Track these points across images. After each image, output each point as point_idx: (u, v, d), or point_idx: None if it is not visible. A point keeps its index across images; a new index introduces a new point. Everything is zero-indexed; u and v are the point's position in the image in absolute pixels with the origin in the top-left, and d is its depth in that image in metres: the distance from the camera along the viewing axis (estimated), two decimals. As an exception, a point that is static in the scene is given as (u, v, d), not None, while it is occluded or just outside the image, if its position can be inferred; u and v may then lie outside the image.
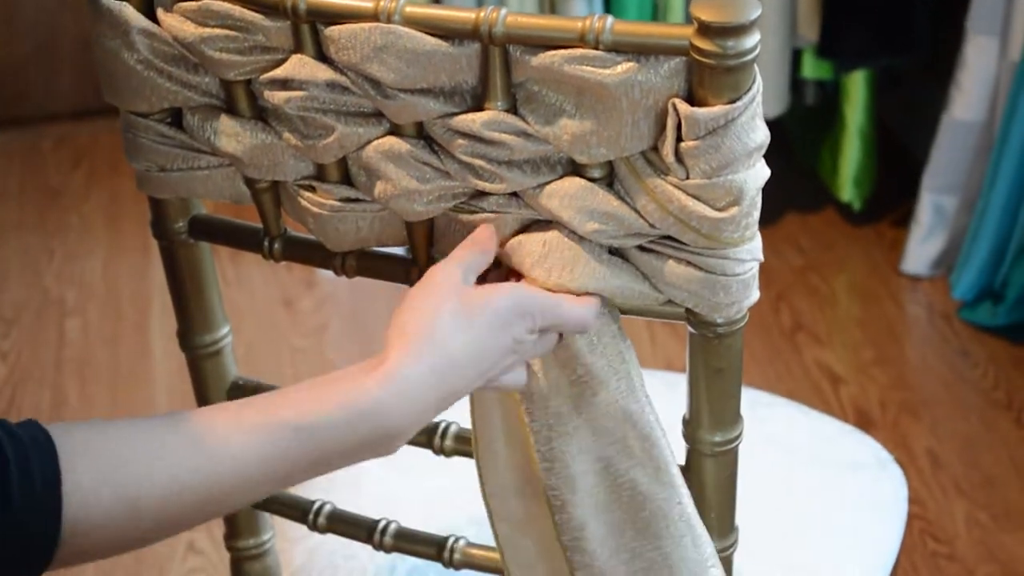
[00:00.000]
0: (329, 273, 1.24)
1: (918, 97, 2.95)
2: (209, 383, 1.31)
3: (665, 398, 1.56)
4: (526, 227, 1.09)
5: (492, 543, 1.26)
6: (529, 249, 1.08)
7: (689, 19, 2.67)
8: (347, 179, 1.13)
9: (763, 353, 2.60)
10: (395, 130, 1.08)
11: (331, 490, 1.45)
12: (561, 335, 1.10)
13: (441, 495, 1.44)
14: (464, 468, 1.34)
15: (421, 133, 1.08)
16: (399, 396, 1.02)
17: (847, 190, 2.83)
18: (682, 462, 1.16)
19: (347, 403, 1.01)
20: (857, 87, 2.78)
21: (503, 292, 1.06)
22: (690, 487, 1.15)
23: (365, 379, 1.02)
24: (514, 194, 1.08)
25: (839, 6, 2.66)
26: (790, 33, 2.73)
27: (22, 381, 2.64)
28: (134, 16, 1.10)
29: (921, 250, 2.77)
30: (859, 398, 2.50)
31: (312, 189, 1.14)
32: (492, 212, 1.08)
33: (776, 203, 2.74)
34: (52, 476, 0.93)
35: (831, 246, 2.86)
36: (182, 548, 2.29)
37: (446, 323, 1.04)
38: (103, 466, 0.96)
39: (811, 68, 2.78)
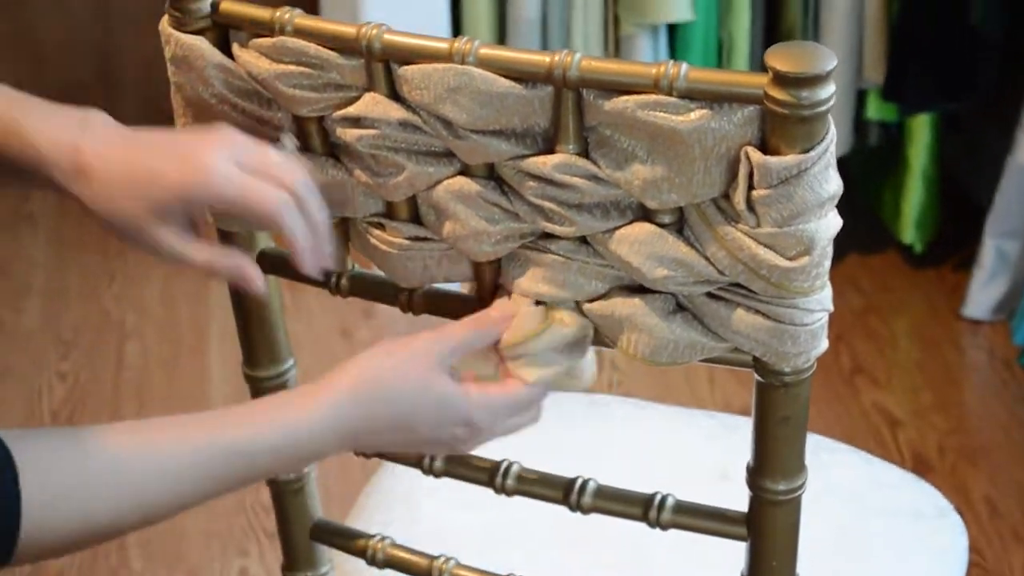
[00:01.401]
0: (387, 304, 1.28)
1: (982, 140, 2.93)
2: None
3: (724, 441, 1.56)
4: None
5: (550, 584, 1.26)
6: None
7: (754, 60, 2.68)
8: (416, 217, 1.13)
9: (821, 395, 2.58)
10: (465, 170, 1.09)
11: (388, 524, 1.45)
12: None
13: (500, 532, 1.44)
14: (521, 505, 1.33)
15: (491, 174, 1.08)
16: (327, 423, 1.07)
17: (909, 232, 2.82)
18: (744, 509, 1.16)
19: (286, 431, 1.06)
20: (921, 129, 2.77)
21: (458, 395, 1.10)
22: (753, 535, 1.14)
23: (305, 407, 1.07)
24: (583, 241, 1.08)
25: (906, 50, 2.65)
26: (855, 74, 2.72)
27: (81, 402, 2.66)
28: (210, 51, 1.11)
29: (983, 294, 2.75)
30: (917, 442, 2.49)
31: (381, 227, 1.15)
32: (560, 256, 1.08)
33: (837, 244, 2.72)
34: (12, 491, 0.96)
35: (892, 288, 2.84)
36: (235, 574, 2.30)
37: (396, 385, 1.09)
38: (60, 484, 0.99)
39: (875, 110, 2.77)
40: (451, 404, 1.10)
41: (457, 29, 2.75)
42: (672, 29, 2.72)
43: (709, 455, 1.52)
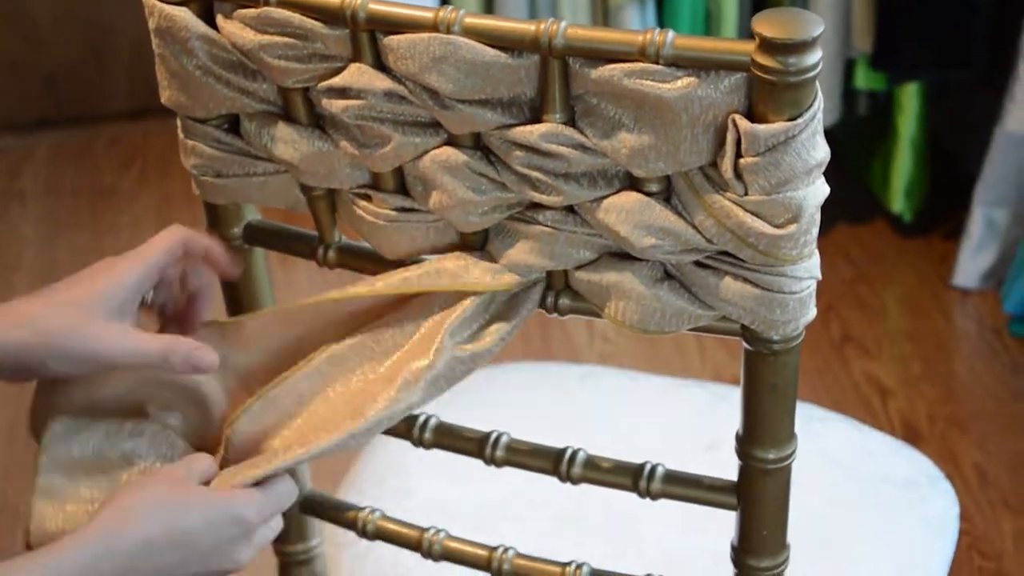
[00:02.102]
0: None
1: (971, 109, 2.93)
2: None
3: (716, 411, 1.56)
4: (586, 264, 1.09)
5: (541, 555, 1.26)
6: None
7: (742, 29, 2.68)
8: (403, 188, 1.13)
9: (811, 364, 2.58)
10: (452, 140, 1.08)
11: (380, 497, 1.45)
12: None
13: (491, 505, 1.44)
14: (515, 478, 1.33)
15: (478, 144, 1.08)
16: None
17: (898, 201, 2.82)
18: (734, 478, 1.16)
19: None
20: (910, 98, 2.76)
21: (220, 498, 1.08)
22: (743, 504, 1.14)
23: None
24: (570, 210, 1.07)
25: (894, 18, 2.65)
26: (844, 43, 2.72)
27: (71, 379, 2.66)
28: (193, 22, 1.10)
29: (972, 263, 2.75)
30: (907, 411, 2.49)
31: (368, 198, 1.14)
32: (548, 227, 1.08)
33: (826, 214, 2.72)
34: None
35: (881, 258, 2.84)
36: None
37: (158, 511, 1.04)
38: None
39: (864, 79, 2.77)
40: (216, 508, 1.07)
41: (445, 2, 2.74)
42: None
43: (699, 425, 1.52)
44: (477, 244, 1.13)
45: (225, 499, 1.08)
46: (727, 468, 1.19)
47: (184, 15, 1.10)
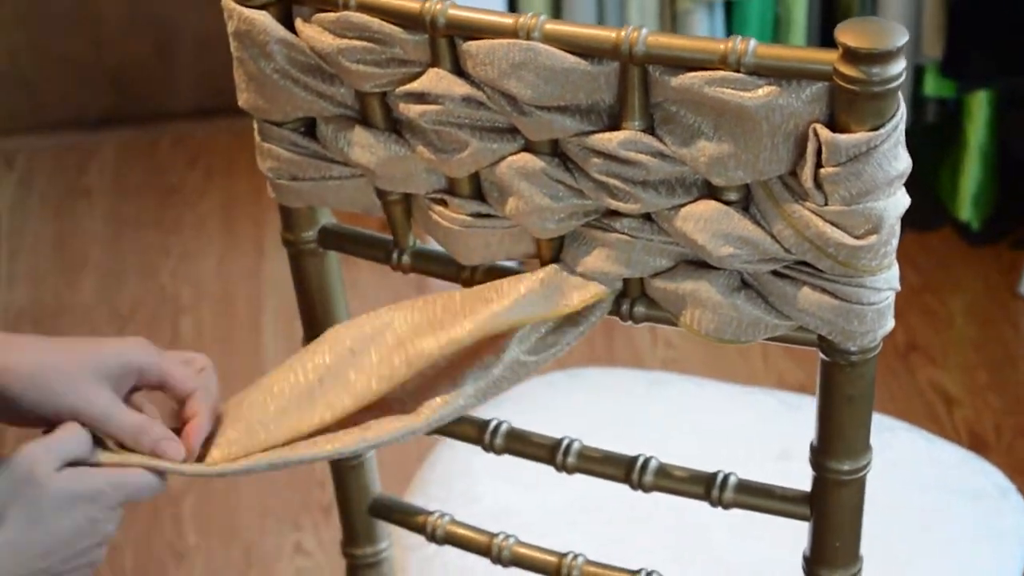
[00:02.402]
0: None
1: (1041, 117, 2.91)
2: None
3: (784, 419, 1.55)
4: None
5: (610, 562, 1.25)
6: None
7: (811, 35, 2.67)
8: (479, 194, 1.13)
9: (877, 372, 2.56)
10: (529, 147, 1.08)
11: (447, 501, 1.45)
12: None
13: (558, 511, 1.44)
14: (583, 484, 1.33)
15: (556, 151, 1.08)
16: None
17: (966, 209, 2.80)
18: (805, 488, 1.15)
19: None
20: (979, 106, 2.74)
21: (71, 476, 1.06)
22: (816, 515, 1.14)
23: None
24: (648, 218, 1.07)
25: (964, 25, 2.63)
26: (913, 50, 2.70)
27: (136, 376, 2.67)
28: (272, 25, 1.10)
29: (1040, 273, 2.73)
30: (973, 421, 2.47)
31: (444, 203, 1.14)
32: (625, 235, 1.08)
33: (894, 221, 2.71)
34: None
35: (948, 266, 2.82)
36: (289, 549, 2.31)
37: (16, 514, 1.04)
38: None
39: (933, 86, 2.75)
40: (62, 489, 1.06)
41: (512, 7, 2.74)
42: (729, 4, 2.71)
43: (768, 434, 1.51)
44: (553, 251, 1.13)
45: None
46: (797, 477, 1.18)
47: (263, 18, 1.10)
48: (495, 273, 1.18)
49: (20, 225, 3.09)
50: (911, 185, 1.02)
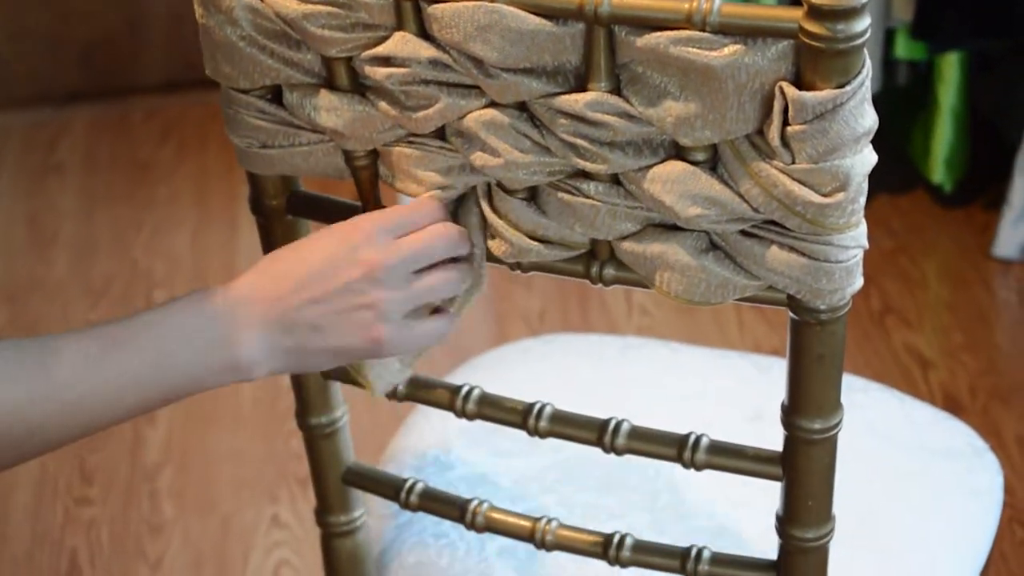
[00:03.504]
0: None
1: (1013, 78, 2.91)
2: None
3: (757, 382, 1.55)
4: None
5: (585, 526, 1.26)
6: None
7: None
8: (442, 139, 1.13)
9: (851, 336, 2.57)
10: (496, 103, 1.08)
11: (422, 469, 1.45)
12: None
13: (532, 476, 1.44)
14: (557, 450, 1.33)
15: (523, 108, 1.07)
16: (245, 327, 1.08)
17: (938, 172, 2.80)
18: (779, 449, 1.15)
19: (189, 336, 1.07)
20: (951, 68, 2.74)
21: (347, 223, 1.11)
22: (788, 474, 1.14)
23: (208, 305, 1.09)
24: (617, 183, 1.07)
25: (935, -14, 2.63)
26: (884, 13, 2.70)
27: (110, 352, 2.66)
28: (237, -9, 1.10)
29: (1013, 234, 2.73)
30: (948, 383, 2.48)
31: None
32: (594, 200, 1.08)
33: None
34: None
35: (921, 228, 2.83)
36: (266, 522, 2.31)
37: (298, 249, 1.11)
38: None
39: (904, 49, 2.75)
40: (340, 229, 1.11)
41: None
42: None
43: (742, 396, 1.51)
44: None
45: (349, 227, 1.11)
46: (771, 439, 1.19)
47: (228, -16, 1.09)
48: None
49: (-8, 202, 3.08)
50: (883, 148, 1.02)
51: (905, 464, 1.46)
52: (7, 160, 3.21)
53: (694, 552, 1.21)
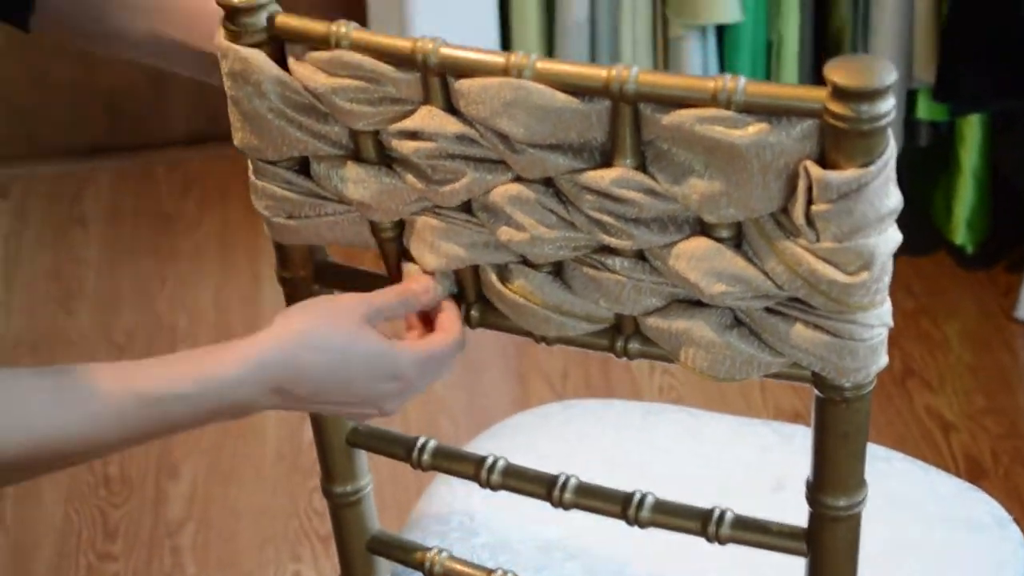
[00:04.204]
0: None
1: (1034, 140, 2.91)
2: (328, 426, 1.31)
3: (780, 451, 1.55)
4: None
5: (607, 596, 1.26)
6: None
7: (803, 61, 2.67)
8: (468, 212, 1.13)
9: (873, 398, 2.56)
10: (522, 178, 1.08)
11: (445, 535, 1.45)
12: None
13: (556, 544, 1.44)
14: (581, 517, 1.33)
15: (549, 183, 1.08)
16: (249, 379, 1.09)
17: (960, 233, 2.80)
18: (801, 519, 1.15)
19: (202, 382, 1.08)
20: (972, 129, 2.75)
21: (386, 349, 1.13)
22: (812, 551, 1.14)
23: (223, 359, 1.10)
24: (642, 258, 1.07)
25: (956, 49, 2.63)
26: (905, 74, 2.71)
27: (133, 406, 2.67)
28: (267, 64, 1.11)
29: (1035, 296, 2.73)
30: (971, 447, 2.47)
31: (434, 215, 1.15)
32: (620, 275, 1.08)
33: (888, 246, 2.71)
34: None
35: (943, 290, 2.82)
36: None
37: (322, 339, 1.11)
38: None
39: (926, 110, 2.75)
40: (381, 356, 1.12)
41: (505, 31, 2.75)
42: (721, 30, 2.71)
43: (765, 465, 1.51)
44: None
45: (391, 355, 1.13)
46: (793, 510, 1.18)
47: (258, 57, 1.10)
48: (492, 313, 1.18)
49: (15, 254, 3.09)
50: (904, 209, 1.02)
51: (928, 536, 1.46)
52: (32, 212, 3.23)
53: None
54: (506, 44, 2.74)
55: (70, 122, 3.40)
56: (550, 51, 2.72)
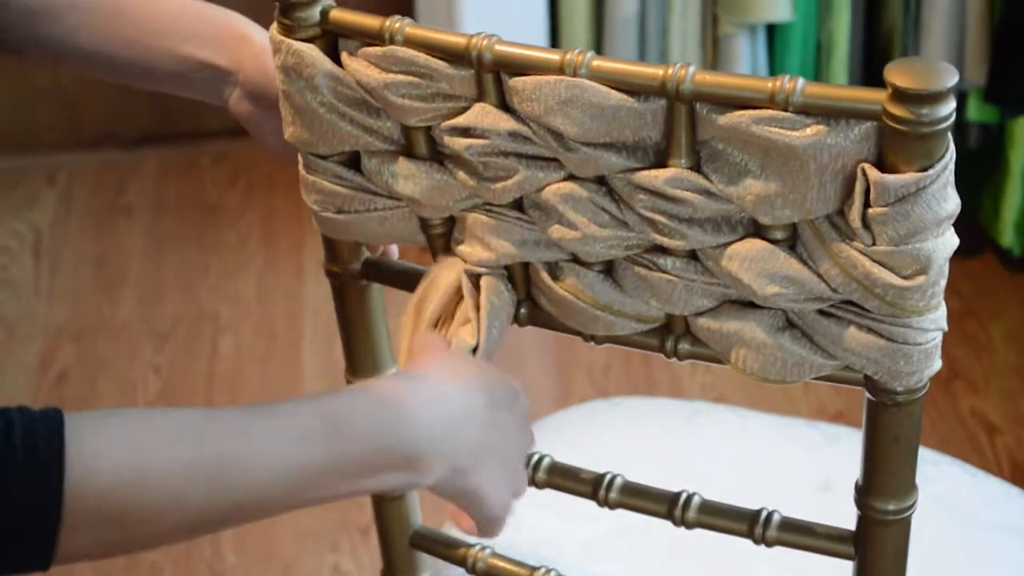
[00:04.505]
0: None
1: (1084, 143, 2.89)
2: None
3: (826, 451, 1.54)
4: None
5: (652, 597, 1.25)
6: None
7: (853, 60, 2.66)
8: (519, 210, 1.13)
9: (918, 400, 2.55)
10: (575, 176, 1.08)
11: (488, 532, 1.44)
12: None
13: (599, 541, 1.44)
14: (625, 515, 1.33)
15: (602, 181, 1.07)
16: (426, 403, 1.03)
17: (1008, 235, 2.79)
18: (848, 520, 1.15)
19: (375, 396, 1.02)
20: (1022, 131, 2.73)
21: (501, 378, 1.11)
22: (861, 554, 1.13)
23: (394, 380, 1.05)
24: (694, 259, 1.07)
25: (1008, 51, 2.62)
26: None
27: (174, 395, 2.68)
28: (320, 58, 1.11)
29: (1082, 299, 2.72)
30: (1015, 450, 2.46)
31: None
32: (671, 275, 1.07)
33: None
34: (56, 440, 0.91)
35: (990, 292, 2.80)
36: (327, 571, 2.31)
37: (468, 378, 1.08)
38: (112, 434, 0.94)
39: (976, 112, 2.74)
40: (494, 379, 1.11)
41: (554, 26, 2.74)
42: (771, 29, 2.70)
43: (811, 465, 1.50)
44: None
45: (517, 388, 1.12)
46: (840, 511, 1.18)
47: (311, 51, 1.10)
48: (543, 315, 1.17)
49: (60, 242, 3.11)
50: (952, 212, 1.01)
51: (975, 541, 1.45)
52: (77, 201, 3.24)
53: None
54: (554, 39, 2.73)
55: (117, 111, 3.41)
56: (598, 47, 2.71)
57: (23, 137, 3.39)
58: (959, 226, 1.02)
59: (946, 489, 1.50)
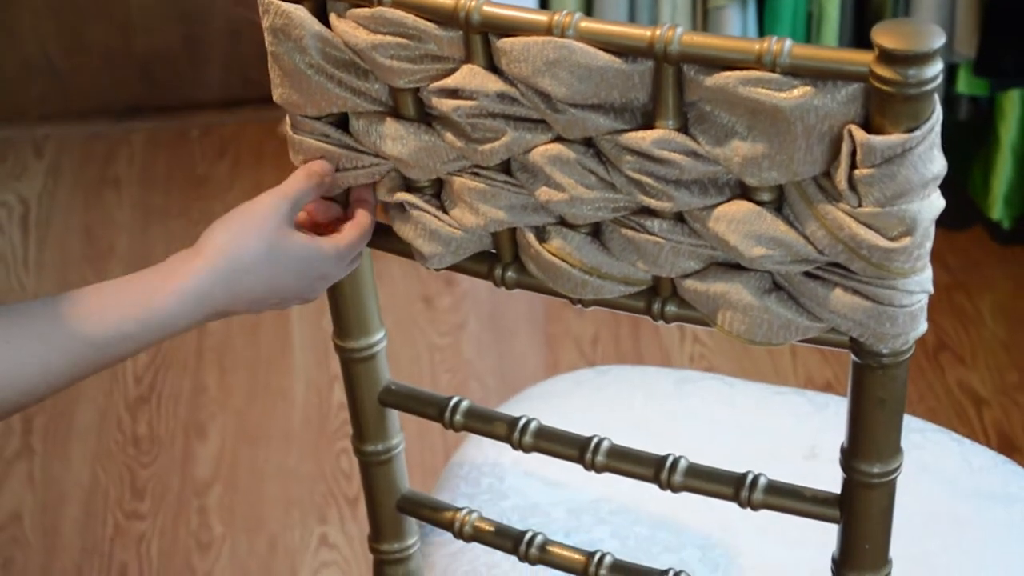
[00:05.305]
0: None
1: (1073, 117, 2.89)
2: (361, 385, 1.31)
3: (813, 419, 1.55)
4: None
5: (638, 561, 1.25)
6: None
7: (844, 31, 2.65)
8: (507, 174, 1.13)
9: (905, 372, 2.55)
10: (562, 138, 1.08)
11: (474, 496, 1.45)
12: None
13: (586, 508, 1.44)
14: (611, 482, 1.33)
15: (589, 143, 1.07)
16: (190, 311, 1.13)
17: (997, 208, 2.79)
18: (834, 487, 1.15)
19: (144, 319, 1.12)
20: (1012, 105, 2.73)
21: (314, 250, 1.16)
22: (846, 517, 1.13)
23: (162, 289, 1.13)
24: (681, 220, 1.07)
25: (998, 24, 2.62)
26: (946, 48, 2.69)
27: (163, 367, 2.68)
28: (308, 20, 1.10)
29: (1071, 273, 2.72)
30: (1002, 422, 2.46)
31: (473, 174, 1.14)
32: (658, 237, 1.07)
33: (924, 220, 2.69)
34: None
35: (978, 265, 2.81)
36: (315, 541, 2.31)
37: (254, 256, 1.14)
38: None
39: (966, 84, 2.74)
40: (309, 259, 1.16)
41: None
42: (761, 0, 2.70)
43: (798, 433, 1.51)
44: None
45: (318, 256, 1.17)
46: (826, 478, 1.18)
47: (300, 13, 1.10)
48: (526, 274, 1.17)
49: (48, 213, 3.10)
50: (942, 184, 1.01)
51: (961, 508, 1.45)
52: (64, 173, 3.23)
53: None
54: (544, 6, 2.73)
55: (105, 83, 3.40)
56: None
57: (11, 108, 3.38)
58: (948, 198, 1.02)
59: (933, 457, 1.51)
